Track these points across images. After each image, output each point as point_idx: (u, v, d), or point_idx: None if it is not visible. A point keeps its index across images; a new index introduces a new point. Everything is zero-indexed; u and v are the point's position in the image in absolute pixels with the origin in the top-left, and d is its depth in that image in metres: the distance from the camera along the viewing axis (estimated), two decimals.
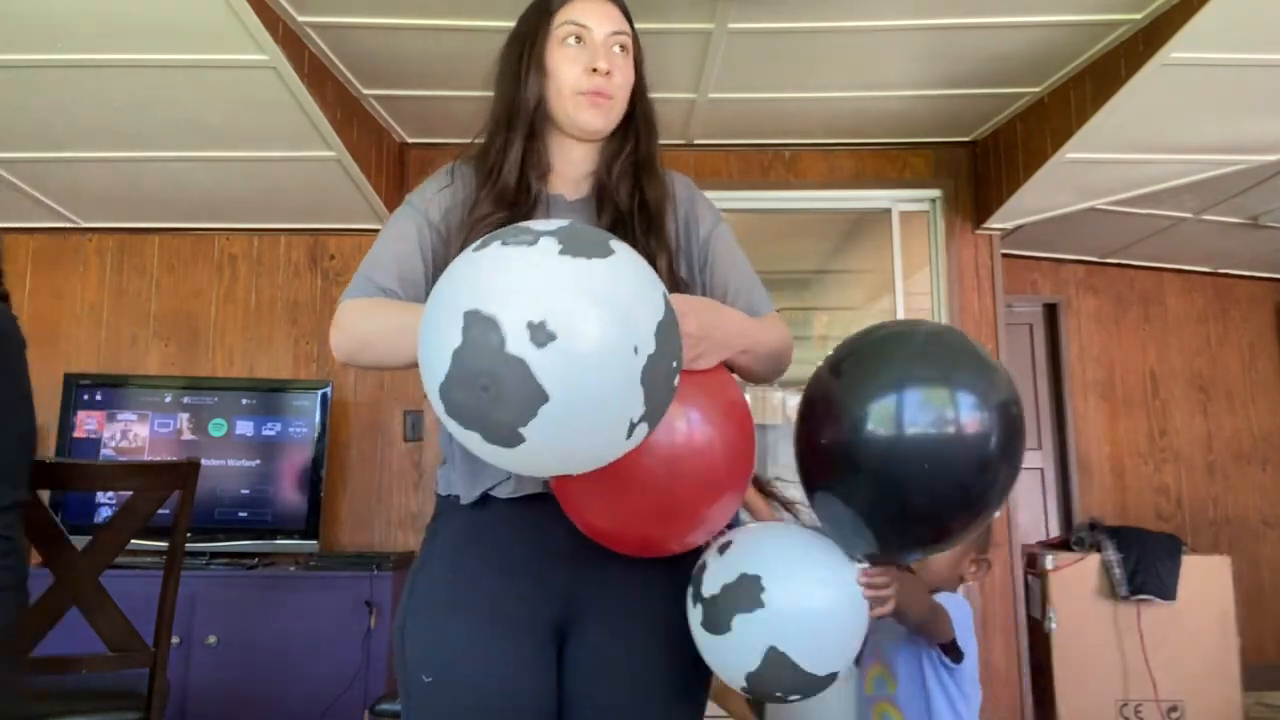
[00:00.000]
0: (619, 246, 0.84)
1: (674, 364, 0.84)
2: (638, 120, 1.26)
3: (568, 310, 0.76)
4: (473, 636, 1.10)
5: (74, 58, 2.43)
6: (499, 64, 1.26)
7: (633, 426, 0.81)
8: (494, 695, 1.09)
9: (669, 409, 0.88)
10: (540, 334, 0.74)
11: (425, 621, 1.13)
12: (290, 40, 2.54)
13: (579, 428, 0.79)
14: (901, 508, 1.02)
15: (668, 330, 0.82)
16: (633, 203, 1.21)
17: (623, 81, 1.21)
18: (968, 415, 1.00)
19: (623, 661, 1.14)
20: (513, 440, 0.78)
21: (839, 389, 1.06)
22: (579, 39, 1.18)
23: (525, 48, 1.21)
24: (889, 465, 1.00)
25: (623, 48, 1.20)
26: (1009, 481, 1.04)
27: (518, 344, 0.74)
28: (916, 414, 1.00)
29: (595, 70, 1.17)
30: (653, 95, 1.29)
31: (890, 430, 1.00)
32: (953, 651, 1.38)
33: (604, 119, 1.20)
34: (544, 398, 0.75)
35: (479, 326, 0.75)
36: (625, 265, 0.82)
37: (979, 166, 3.65)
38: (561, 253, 0.79)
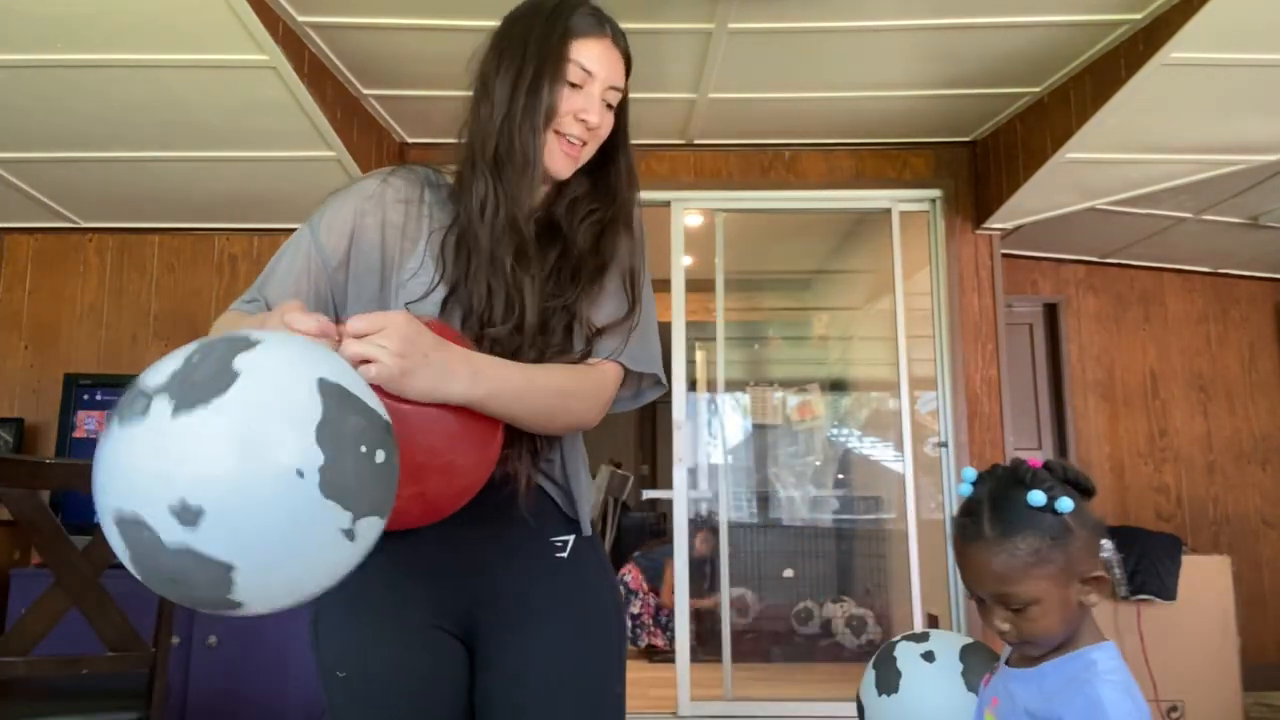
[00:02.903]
0: (246, 363, 0.75)
1: (363, 450, 0.76)
2: (620, 172, 1.22)
3: (201, 476, 0.70)
4: (377, 633, 1.13)
5: (74, 58, 2.43)
6: (493, 68, 1.19)
7: (350, 532, 0.76)
8: (407, 686, 1.11)
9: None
10: (187, 515, 0.70)
11: (333, 619, 1.14)
12: (290, 40, 2.54)
13: (285, 569, 0.75)
14: None
15: (335, 427, 0.74)
16: (590, 252, 1.17)
17: (602, 135, 1.18)
18: None
19: (537, 660, 1.14)
20: (231, 605, 0.75)
21: None
22: (579, 84, 1.14)
23: (530, 64, 1.14)
24: None
25: (610, 105, 1.17)
26: None
27: (172, 534, 0.70)
28: None
29: (582, 120, 1.14)
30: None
31: None
32: None
33: (571, 168, 1.18)
34: (229, 568, 0.72)
35: (132, 529, 0.72)
36: (254, 387, 0.74)
37: (979, 166, 3.65)
38: (176, 412, 0.72)
